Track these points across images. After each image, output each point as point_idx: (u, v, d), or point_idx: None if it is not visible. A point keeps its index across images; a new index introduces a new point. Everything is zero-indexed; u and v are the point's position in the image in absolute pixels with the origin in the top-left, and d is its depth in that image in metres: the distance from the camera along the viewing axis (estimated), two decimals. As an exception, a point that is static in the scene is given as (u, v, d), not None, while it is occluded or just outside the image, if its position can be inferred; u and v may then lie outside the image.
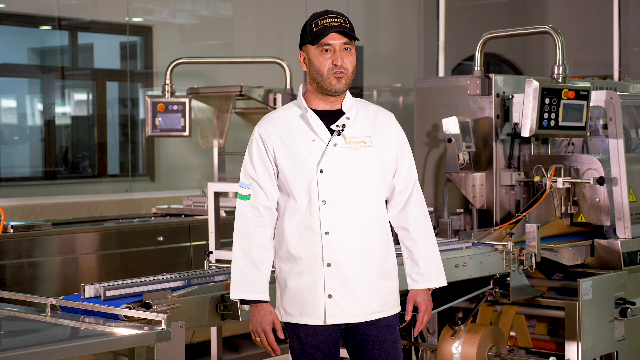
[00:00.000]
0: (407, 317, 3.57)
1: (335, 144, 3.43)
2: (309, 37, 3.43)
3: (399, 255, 3.63)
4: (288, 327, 3.51)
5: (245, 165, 3.52)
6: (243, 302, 3.51)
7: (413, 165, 3.61)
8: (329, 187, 3.42)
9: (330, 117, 3.47)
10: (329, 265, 3.42)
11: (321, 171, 3.42)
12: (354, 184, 3.44)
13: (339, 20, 3.42)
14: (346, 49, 3.43)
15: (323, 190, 3.41)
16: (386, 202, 3.60)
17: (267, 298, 3.46)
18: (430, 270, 3.58)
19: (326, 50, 3.42)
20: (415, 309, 3.59)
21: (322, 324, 3.44)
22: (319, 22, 3.42)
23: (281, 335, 3.48)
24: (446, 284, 3.63)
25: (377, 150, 3.49)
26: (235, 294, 3.46)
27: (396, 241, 3.66)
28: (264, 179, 3.47)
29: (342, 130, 3.44)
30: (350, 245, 3.43)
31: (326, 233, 3.41)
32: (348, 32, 3.40)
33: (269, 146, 3.47)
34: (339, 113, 3.49)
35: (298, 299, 3.46)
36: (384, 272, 3.50)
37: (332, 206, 3.42)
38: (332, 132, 3.45)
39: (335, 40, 3.41)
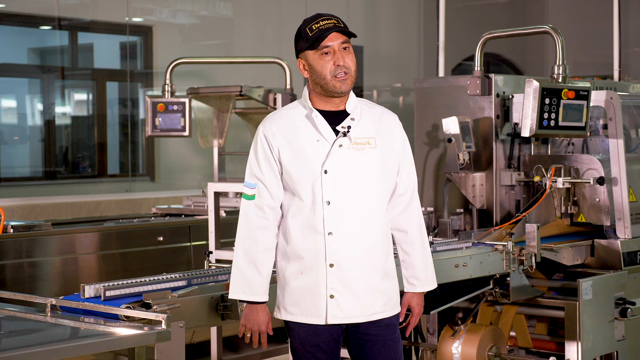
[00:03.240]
0: (401, 319, 3.62)
1: (340, 145, 3.43)
2: (306, 43, 3.43)
3: (395, 255, 3.65)
4: (289, 325, 3.52)
5: (251, 164, 3.51)
6: (241, 300, 3.52)
7: (413, 168, 3.62)
8: (332, 188, 3.42)
9: (334, 118, 3.47)
10: (331, 265, 3.42)
11: (325, 172, 3.42)
12: (358, 185, 3.44)
13: (332, 21, 3.42)
14: (345, 48, 3.43)
15: (327, 190, 3.42)
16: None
17: (265, 299, 3.47)
18: (426, 274, 3.64)
19: (326, 53, 3.42)
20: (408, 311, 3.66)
21: (324, 323, 3.45)
22: (313, 26, 3.42)
23: (270, 332, 3.51)
24: (437, 287, 3.70)
25: (381, 151, 3.49)
26: (233, 294, 3.48)
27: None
28: (270, 179, 3.47)
29: (348, 131, 3.44)
30: (353, 246, 3.43)
31: (329, 233, 3.42)
32: (345, 30, 3.41)
33: (273, 145, 3.46)
34: (344, 114, 3.49)
35: (300, 298, 3.46)
36: (385, 272, 3.51)
37: (336, 207, 3.42)
38: (336, 132, 3.45)
39: (333, 41, 3.41)
